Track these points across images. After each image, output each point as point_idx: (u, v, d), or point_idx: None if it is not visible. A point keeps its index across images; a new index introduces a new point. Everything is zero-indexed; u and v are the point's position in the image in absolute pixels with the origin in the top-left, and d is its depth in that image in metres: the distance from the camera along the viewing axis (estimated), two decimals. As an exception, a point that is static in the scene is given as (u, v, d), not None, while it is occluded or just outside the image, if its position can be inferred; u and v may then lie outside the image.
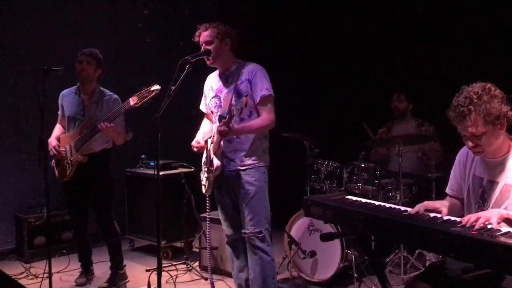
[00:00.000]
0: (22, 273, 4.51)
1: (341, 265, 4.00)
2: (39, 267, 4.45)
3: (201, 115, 3.67)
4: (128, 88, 4.21)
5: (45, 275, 3.93)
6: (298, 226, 4.28)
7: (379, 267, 2.45)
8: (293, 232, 4.27)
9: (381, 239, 3.96)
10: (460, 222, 2.11)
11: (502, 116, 2.20)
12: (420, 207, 2.33)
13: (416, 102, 4.88)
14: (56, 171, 4.15)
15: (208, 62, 3.33)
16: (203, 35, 3.30)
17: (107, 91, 4.15)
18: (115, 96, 4.13)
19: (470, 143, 2.27)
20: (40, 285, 4.04)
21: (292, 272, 4.24)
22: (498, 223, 2.04)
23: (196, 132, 3.56)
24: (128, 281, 4.26)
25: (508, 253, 1.75)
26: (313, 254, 4.09)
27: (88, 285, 4.27)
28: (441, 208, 2.32)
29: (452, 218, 2.20)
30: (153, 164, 4.89)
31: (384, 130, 4.95)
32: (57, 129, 4.23)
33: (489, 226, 2.03)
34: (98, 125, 3.81)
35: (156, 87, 3.60)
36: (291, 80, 5.67)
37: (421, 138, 4.45)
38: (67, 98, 4.17)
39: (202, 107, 3.62)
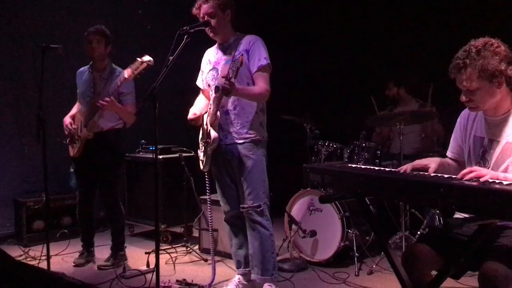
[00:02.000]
0: (21, 255, 4.47)
1: (341, 244, 3.96)
2: (38, 250, 4.42)
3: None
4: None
5: (43, 257, 3.92)
6: (298, 206, 4.25)
7: (379, 231, 2.40)
8: (293, 213, 4.23)
9: (382, 199, 3.88)
10: (460, 178, 2.07)
11: (499, 74, 2.15)
12: (407, 166, 2.29)
13: (407, 85, 4.86)
14: (70, 148, 4.16)
15: (210, 34, 3.30)
16: (204, 7, 3.25)
17: (118, 67, 4.12)
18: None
19: (464, 97, 2.24)
20: (38, 265, 4.02)
21: (293, 253, 4.20)
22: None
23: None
24: (127, 261, 4.22)
25: (509, 199, 1.71)
26: (313, 233, 4.05)
27: (86, 266, 4.24)
28: (429, 165, 2.28)
29: (453, 176, 2.15)
30: (152, 148, 4.87)
31: (386, 112, 4.91)
32: (75, 108, 4.25)
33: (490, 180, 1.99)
34: (98, 102, 3.80)
35: (147, 58, 3.58)
36: (291, 62, 5.66)
37: (423, 115, 4.41)
38: (80, 76, 4.20)
39: (199, 83, 3.59)
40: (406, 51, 5.18)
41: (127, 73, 3.65)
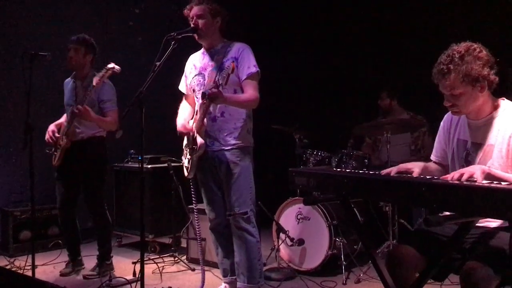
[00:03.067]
0: (6, 265, 4.41)
1: (329, 252, 3.95)
2: (23, 260, 4.36)
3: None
4: (118, 86, 4.19)
5: (28, 267, 3.88)
6: (286, 215, 4.24)
7: (363, 232, 2.41)
8: (281, 221, 4.23)
9: (365, 199, 3.89)
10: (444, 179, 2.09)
11: (482, 79, 2.18)
12: (391, 169, 2.31)
13: (408, 97, 4.89)
14: (53, 157, 4.15)
15: (196, 37, 3.32)
16: (195, 9, 3.28)
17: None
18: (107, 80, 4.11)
19: (447, 102, 2.27)
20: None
21: (281, 262, 4.18)
22: (482, 178, 2.01)
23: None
24: (114, 271, 4.17)
25: (489, 197, 1.72)
26: (301, 242, 4.04)
27: (73, 275, 4.19)
28: (413, 169, 2.29)
29: (436, 178, 2.17)
30: (141, 158, 4.85)
31: (373, 121, 4.92)
32: (63, 118, 4.24)
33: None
34: (73, 108, 3.84)
35: (111, 65, 3.75)
36: (280, 71, 5.70)
37: (411, 125, 4.43)
38: (66, 86, 4.22)
39: (182, 87, 3.58)
40: (396, 59, 5.22)
41: (95, 80, 3.74)
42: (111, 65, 3.71)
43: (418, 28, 5.15)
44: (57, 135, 4.06)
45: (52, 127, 4.12)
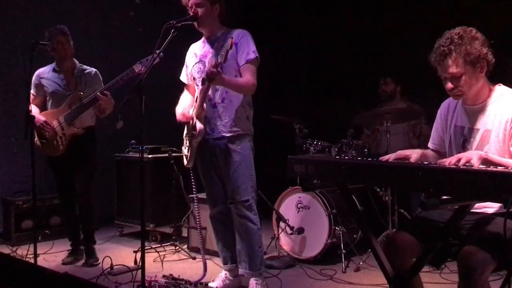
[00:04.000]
0: (8, 254, 4.45)
1: (329, 241, 3.97)
2: (26, 249, 4.39)
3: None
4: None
5: (30, 255, 3.91)
6: (286, 204, 4.26)
7: (362, 220, 2.42)
8: (281, 210, 4.25)
9: (363, 185, 3.90)
10: (440, 164, 2.10)
11: (482, 58, 2.22)
12: (389, 156, 2.34)
13: (406, 85, 4.89)
14: (43, 148, 4.12)
15: (196, 25, 3.32)
16: None
17: (85, 66, 4.22)
18: (95, 70, 4.22)
19: (449, 85, 2.27)
20: (25, 263, 4.00)
21: (281, 251, 4.21)
22: (479, 163, 2.03)
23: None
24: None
25: (485, 181, 1.74)
26: (301, 231, 4.07)
27: (75, 264, 4.22)
28: (411, 155, 2.33)
29: (433, 162, 2.19)
30: (141, 148, 4.86)
31: (373, 110, 4.93)
32: (35, 108, 4.14)
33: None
34: (98, 94, 3.85)
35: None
36: (280, 61, 5.70)
37: (410, 113, 4.43)
38: (45, 76, 4.18)
39: (183, 78, 3.59)
40: (395, 50, 5.21)
41: (137, 68, 3.76)
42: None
43: (416, 17, 5.14)
44: (50, 125, 4.04)
45: (42, 117, 4.06)
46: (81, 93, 4.04)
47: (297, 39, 6.00)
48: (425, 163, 2.12)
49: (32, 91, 4.13)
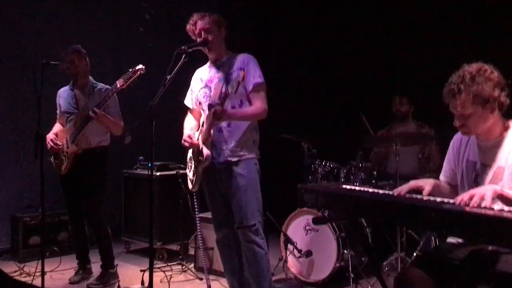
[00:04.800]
0: (16, 271, 4.47)
1: (337, 265, 3.94)
2: (33, 266, 4.39)
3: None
4: (129, 92, 4.19)
5: (38, 273, 3.91)
6: (294, 226, 4.23)
7: (373, 253, 2.40)
8: (289, 232, 4.21)
9: (375, 221, 3.90)
10: (454, 203, 2.08)
11: (493, 100, 2.18)
12: (402, 188, 2.30)
13: (417, 105, 4.87)
14: (54, 165, 4.16)
15: (206, 51, 3.33)
16: (200, 23, 3.28)
17: (99, 83, 4.23)
18: (107, 86, 4.17)
19: (457, 122, 2.27)
20: (31, 282, 4.00)
21: (288, 273, 4.19)
22: (492, 199, 2.01)
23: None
24: (119, 280, 4.19)
25: (500, 226, 1.72)
26: (309, 253, 4.04)
27: (82, 283, 4.21)
28: (424, 186, 2.29)
29: (446, 200, 2.16)
30: (151, 169, 4.87)
31: (383, 132, 4.91)
32: (56, 126, 4.30)
33: (482, 205, 2.00)
34: (89, 112, 3.85)
35: (140, 66, 3.65)
36: (290, 80, 5.68)
37: (420, 137, 4.41)
38: (62, 95, 4.26)
39: (188, 102, 3.59)
40: (405, 68, 5.19)
41: (119, 83, 3.74)
42: (139, 66, 3.66)
43: (428, 37, 5.12)
44: (59, 142, 4.09)
45: (51, 135, 4.14)
46: (86, 110, 4.01)
47: (306, 57, 5.99)
48: (439, 200, 2.09)
49: (57, 111, 4.29)
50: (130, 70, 3.68)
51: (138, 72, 3.65)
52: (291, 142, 4.65)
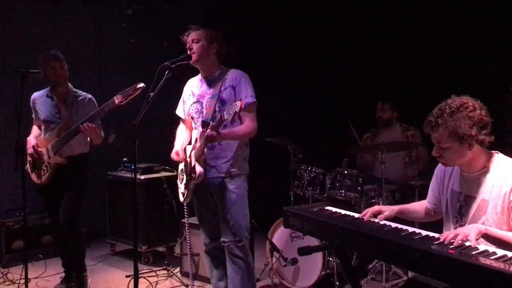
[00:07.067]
0: (-1, 278, 4.43)
1: (322, 272, 3.97)
2: (16, 272, 4.36)
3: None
4: (111, 89, 4.15)
5: (22, 280, 3.88)
6: (280, 233, 4.24)
7: (356, 283, 2.42)
8: (275, 239, 4.23)
9: (359, 253, 3.94)
10: (438, 238, 2.09)
11: (469, 138, 2.16)
12: (368, 210, 2.45)
13: (401, 107, 4.85)
14: (32, 175, 4.06)
15: (191, 60, 3.27)
16: (192, 34, 3.29)
17: (79, 91, 4.10)
18: (89, 96, 4.08)
19: (435, 152, 2.28)
20: (17, 289, 3.98)
21: (274, 279, 4.21)
22: (477, 239, 2.02)
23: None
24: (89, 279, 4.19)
25: (483, 274, 1.73)
26: (294, 261, 4.05)
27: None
28: (383, 211, 2.45)
29: (431, 234, 2.17)
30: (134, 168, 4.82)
31: (369, 135, 4.89)
32: (35, 129, 4.16)
33: (467, 244, 2.01)
34: (80, 126, 3.75)
35: (141, 85, 3.54)
36: (275, 85, 5.62)
37: (406, 145, 4.42)
38: (39, 101, 4.10)
39: (180, 112, 3.56)
40: (392, 73, 5.17)
41: (117, 100, 3.62)
42: (141, 84, 3.55)
43: (415, 42, 5.09)
44: (40, 150, 3.97)
45: (34, 140, 4.01)
46: (73, 121, 3.93)
47: (293, 62, 5.92)
48: (424, 241, 2.07)
49: (33, 115, 4.14)
50: (130, 87, 3.56)
51: (139, 91, 3.53)
52: (276, 146, 4.63)
